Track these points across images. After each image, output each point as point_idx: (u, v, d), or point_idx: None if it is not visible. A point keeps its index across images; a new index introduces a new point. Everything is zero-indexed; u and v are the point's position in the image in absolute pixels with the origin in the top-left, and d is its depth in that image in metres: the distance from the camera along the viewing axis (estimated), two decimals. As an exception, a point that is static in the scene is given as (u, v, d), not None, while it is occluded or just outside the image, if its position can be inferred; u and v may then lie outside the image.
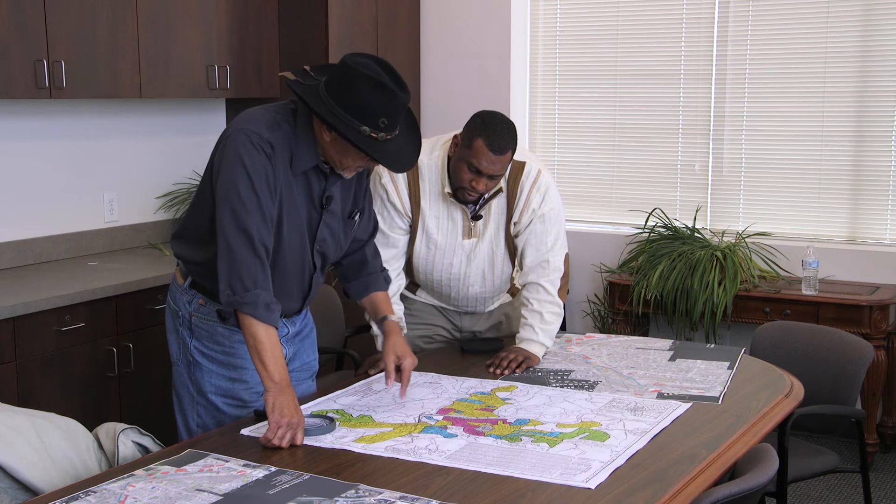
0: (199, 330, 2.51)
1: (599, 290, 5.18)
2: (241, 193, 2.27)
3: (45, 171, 4.16)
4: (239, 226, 2.27)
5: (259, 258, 2.29)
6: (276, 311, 2.30)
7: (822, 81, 4.70)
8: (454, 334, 3.23)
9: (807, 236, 4.79)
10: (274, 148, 2.31)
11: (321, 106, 2.26)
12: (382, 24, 5.13)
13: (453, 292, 3.09)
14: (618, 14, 5.16)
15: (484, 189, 2.83)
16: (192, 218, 2.50)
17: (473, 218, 2.97)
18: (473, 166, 2.78)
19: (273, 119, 2.35)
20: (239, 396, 2.53)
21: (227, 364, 2.52)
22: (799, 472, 3.05)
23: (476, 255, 3.02)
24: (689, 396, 2.61)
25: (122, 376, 3.73)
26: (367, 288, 2.72)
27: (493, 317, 3.24)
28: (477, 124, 2.78)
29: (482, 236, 3.00)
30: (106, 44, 3.92)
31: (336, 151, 2.35)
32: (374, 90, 2.24)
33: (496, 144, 2.75)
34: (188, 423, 2.56)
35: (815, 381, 3.15)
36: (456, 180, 2.86)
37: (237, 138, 2.31)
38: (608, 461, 2.13)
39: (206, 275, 2.44)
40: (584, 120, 5.32)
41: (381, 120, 2.25)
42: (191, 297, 2.51)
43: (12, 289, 3.59)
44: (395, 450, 2.21)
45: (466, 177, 2.81)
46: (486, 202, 2.96)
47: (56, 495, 1.95)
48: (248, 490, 1.95)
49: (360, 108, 2.24)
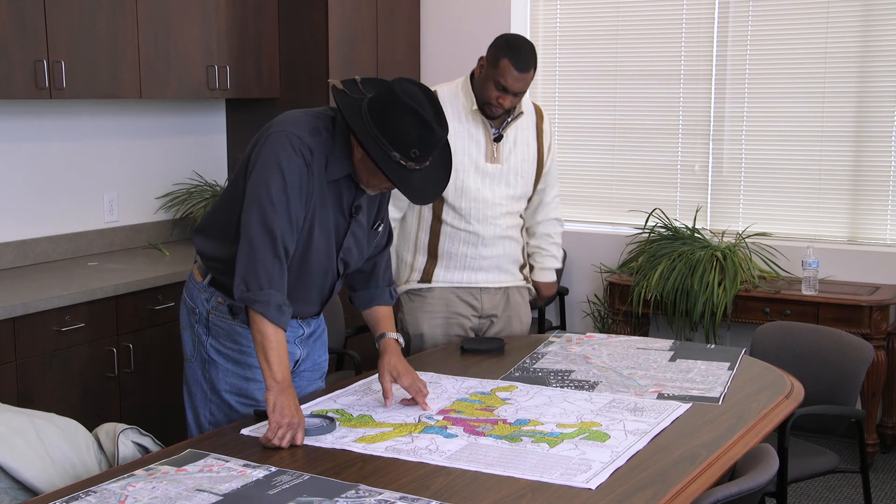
0: (217, 328, 2.51)
1: (599, 291, 5.18)
2: (272, 193, 2.28)
3: (45, 171, 4.16)
4: (265, 225, 2.28)
5: (279, 259, 2.30)
6: (286, 313, 2.31)
7: (822, 81, 4.70)
8: (474, 321, 3.27)
9: (807, 236, 4.79)
10: (313, 153, 2.32)
11: (359, 124, 2.28)
12: (382, 24, 5.13)
13: (480, 227, 3.16)
14: (618, 14, 5.16)
15: (509, 104, 3.04)
16: (220, 213, 2.50)
17: (496, 140, 3.13)
18: (500, 84, 2.99)
19: (314, 124, 2.36)
20: (253, 396, 2.53)
21: (243, 363, 2.52)
22: (799, 473, 3.05)
23: (501, 182, 3.18)
24: (689, 397, 2.61)
25: (122, 376, 3.73)
26: (371, 300, 2.70)
27: (507, 296, 3.30)
28: (502, 45, 2.99)
29: (507, 161, 3.17)
30: (106, 44, 3.92)
31: (364, 169, 2.37)
32: (413, 121, 2.26)
33: (521, 63, 2.96)
34: (199, 420, 2.56)
35: (815, 381, 3.15)
36: (482, 97, 3.06)
37: (277, 139, 2.32)
38: (608, 461, 2.13)
39: (228, 272, 2.44)
40: (584, 120, 5.32)
41: (412, 150, 2.28)
42: (209, 295, 2.52)
43: (12, 289, 3.59)
44: (396, 450, 2.21)
45: (494, 94, 3.02)
46: (507, 124, 3.15)
47: (56, 495, 1.95)
48: (248, 490, 1.95)
49: (396, 135, 2.26)
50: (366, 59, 5.02)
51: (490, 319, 3.30)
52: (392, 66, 5.23)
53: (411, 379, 2.51)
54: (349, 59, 4.86)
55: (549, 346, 3.15)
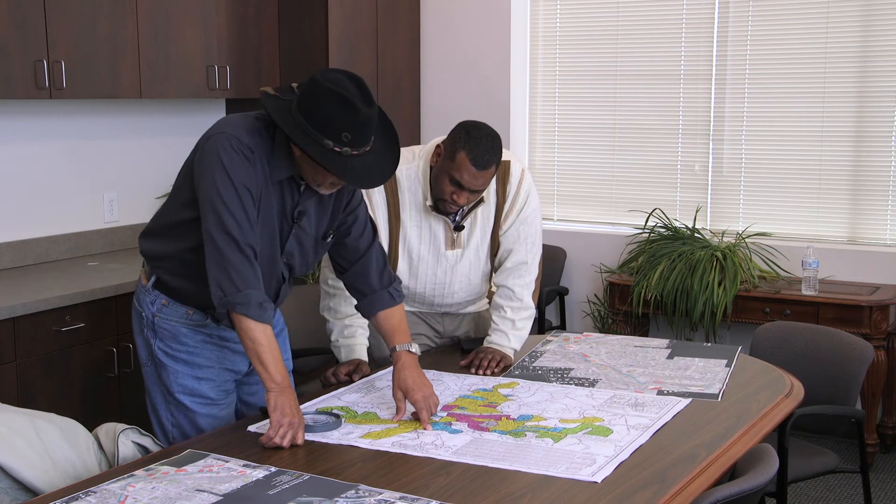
0: (163, 330, 2.50)
1: (599, 291, 5.18)
2: (222, 195, 2.27)
3: (45, 171, 4.16)
4: (223, 228, 2.27)
5: (247, 258, 2.28)
6: (268, 309, 2.30)
7: (822, 81, 4.69)
8: (436, 341, 3.17)
9: (807, 236, 4.79)
10: (253, 151, 2.31)
11: (288, 120, 2.26)
12: (382, 24, 5.13)
13: (437, 299, 3.05)
14: (618, 14, 5.15)
15: (465, 202, 2.77)
16: (162, 215, 2.51)
17: (456, 229, 2.91)
18: (455, 179, 2.70)
19: (253, 125, 2.35)
20: (206, 395, 2.53)
21: (192, 363, 2.51)
22: (799, 473, 3.05)
23: (461, 264, 2.97)
24: (688, 393, 2.62)
25: (122, 376, 3.73)
26: (373, 306, 2.64)
27: (472, 319, 3.19)
28: (461, 136, 2.70)
29: (467, 245, 2.95)
30: (106, 44, 3.92)
31: (307, 167, 2.34)
32: (336, 104, 2.23)
33: (479, 159, 2.67)
34: (163, 424, 2.55)
35: (815, 381, 3.15)
36: (437, 191, 2.79)
37: (218, 140, 2.31)
38: (612, 455, 2.15)
39: (170, 269, 2.46)
40: (584, 120, 5.32)
41: (343, 134, 2.23)
42: (154, 298, 2.51)
43: (12, 289, 3.59)
44: (402, 445, 2.22)
45: (448, 189, 2.74)
46: (469, 212, 2.91)
47: (56, 495, 1.95)
48: (248, 490, 1.95)
49: (323, 123, 2.23)
50: (366, 59, 5.02)
51: (452, 339, 3.19)
52: (392, 66, 5.24)
53: (423, 394, 2.43)
54: (349, 59, 4.86)
55: (548, 344, 3.16)
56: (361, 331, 2.87)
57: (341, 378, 2.75)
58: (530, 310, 2.99)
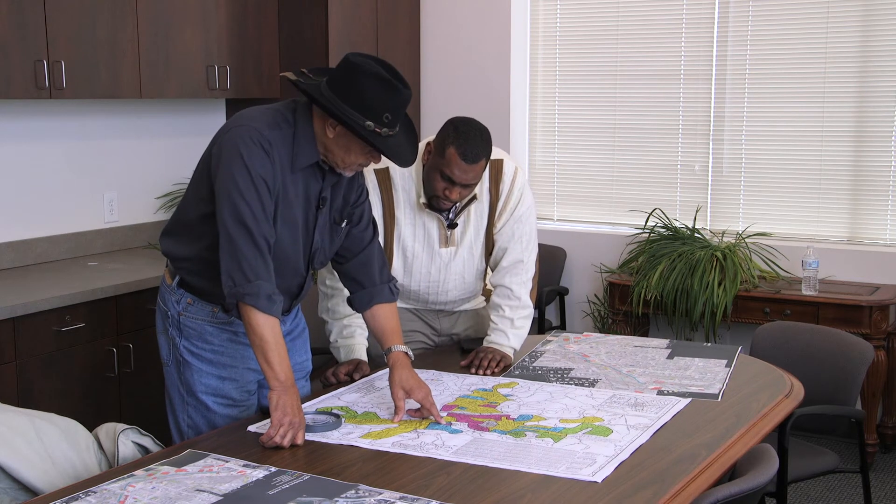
0: (188, 329, 2.50)
1: (599, 291, 5.18)
2: (240, 187, 2.27)
3: (45, 171, 4.16)
4: (238, 218, 2.27)
5: (260, 250, 2.28)
6: (277, 302, 2.29)
7: (822, 81, 4.69)
8: (433, 339, 3.17)
9: (807, 236, 4.79)
10: (272, 145, 2.31)
11: (327, 101, 2.27)
12: (382, 24, 5.13)
13: (431, 297, 3.05)
14: (618, 14, 5.15)
15: (458, 198, 2.78)
16: (182, 213, 2.50)
17: (449, 227, 2.92)
18: (446, 175, 2.71)
19: (272, 118, 2.35)
20: (229, 395, 2.53)
21: (217, 363, 2.52)
22: (799, 473, 3.05)
23: (455, 262, 2.97)
24: (688, 393, 2.62)
25: (122, 376, 3.73)
26: (371, 299, 2.63)
27: (470, 317, 3.19)
28: (449, 132, 2.71)
29: (460, 243, 2.95)
30: (106, 44, 3.92)
31: (340, 147, 2.35)
32: (377, 86, 2.25)
33: (469, 153, 2.68)
34: (179, 425, 2.56)
35: (815, 381, 3.15)
36: (429, 189, 2.80)
37: (237, 133, 2.31)
38: (613, 455, 2.15)
39: (194, 271, 2.45)
40: (584, 120, 5.32)
41: (384, 115, 2.27)
42: (179, 297, 2.51)
43: (12, 289, 3.59)
44: (403, 445, 2.22)
45: (440, 185, 2.75)
46: (462, 209, 2.92)
47: (56, 495, 1.95)
48: (248, 490, 1.95)
49: (364, 104, 2.25)
50: (366, 59, 5.01)
51: (451, 337, 3.18)
52: (392, 66, 5.23)
53: (424, 393, 2.44)
54: (349, 59, 4.86)
55: (548, 344, 3.15)
56: (360, 331, 2.87)
57: (341, 378, 2.75)
58: (528, 308, 3.00)
